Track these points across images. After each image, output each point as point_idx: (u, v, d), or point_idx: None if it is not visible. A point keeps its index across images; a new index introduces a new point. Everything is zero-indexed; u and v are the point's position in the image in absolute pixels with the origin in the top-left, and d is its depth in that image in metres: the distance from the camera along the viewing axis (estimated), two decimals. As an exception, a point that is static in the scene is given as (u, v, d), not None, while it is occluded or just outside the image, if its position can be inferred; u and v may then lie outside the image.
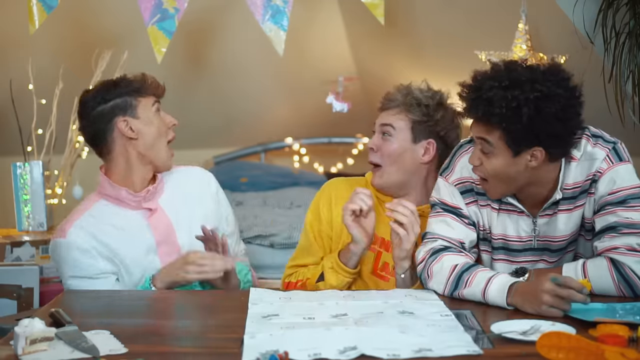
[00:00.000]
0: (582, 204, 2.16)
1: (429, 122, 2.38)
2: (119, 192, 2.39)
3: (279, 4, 3.48)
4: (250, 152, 5.70)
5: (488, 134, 2.05)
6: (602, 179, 2.12)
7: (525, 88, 1.99)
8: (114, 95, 2.39)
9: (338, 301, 2.03)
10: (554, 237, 2.19)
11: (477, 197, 2.22)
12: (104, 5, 4.52)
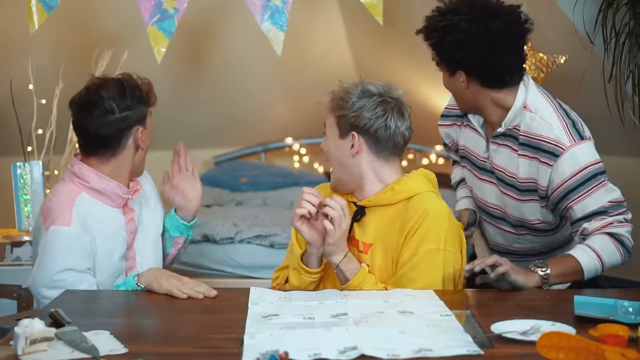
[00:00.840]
0: (531, 156, 2.33)
1: (348, 115, 2.31)
2: (108, 185, 2.35)
3: (278, 4, 3.48)
4: (250, 152, 5.70)
5: (437, 56, 2.43)
6: (568, 156, 2.27)
7: (445, 17, 2.35)
8: (133, 102, 2.37)
9: (338, 300, 2.03)
10: (504, 169, 2.42)
11: (456, 119, 2.60)
12: (104, 5, 4.52)
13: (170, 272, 2.27)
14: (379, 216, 2.25)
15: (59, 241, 2.28)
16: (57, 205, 2.33)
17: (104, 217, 2.36)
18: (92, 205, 2.35)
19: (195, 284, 2.19)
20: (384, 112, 2.27)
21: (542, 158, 2.31)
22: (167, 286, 2.18)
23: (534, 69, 4.06)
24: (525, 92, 2.37)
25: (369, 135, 2.25)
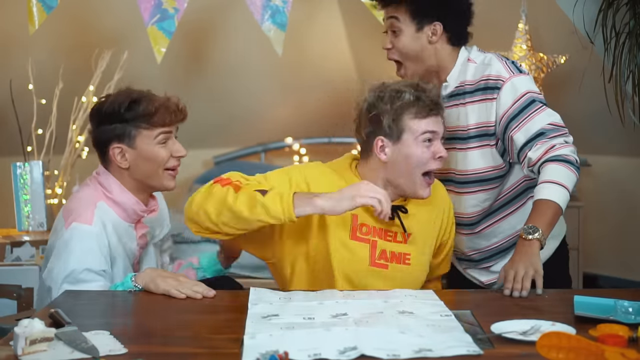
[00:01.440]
0: (478, 99, 2.40)
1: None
2: (129, 199, 2.36)
3: (279, 4, 3.49)
4: (250, 152, 5.70)
5: (396, 11, 2.42)
6: (508, 86, 2.36)
7: None
8: (117, 118, 2.33)
9: (338, 300, 2.03)
10: (458, 127, 2.44)
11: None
12: (104, 5, 4.52)
13: (168, 272, 2.26)
14: (418, 206, 2.32)
15: (80, 239, 2.27)
16: (79, 205, 2.34)
17: (117, 227, 2.36)
18: (109, 214, 2.35)
19: (193, 283, 2.19)
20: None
21: (488, 95, 2.39)
22: (164, 286, 2.18)
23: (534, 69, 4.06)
24: (467, 51, 2.49)
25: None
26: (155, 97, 2.35)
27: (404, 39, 2.45)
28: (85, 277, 2.25)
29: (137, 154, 2.34)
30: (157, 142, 2.34)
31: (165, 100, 2.35)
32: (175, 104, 2.37)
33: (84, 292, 2.22)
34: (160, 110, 2.33)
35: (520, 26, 4.10)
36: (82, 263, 2.25)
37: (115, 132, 2.33)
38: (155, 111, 2.32)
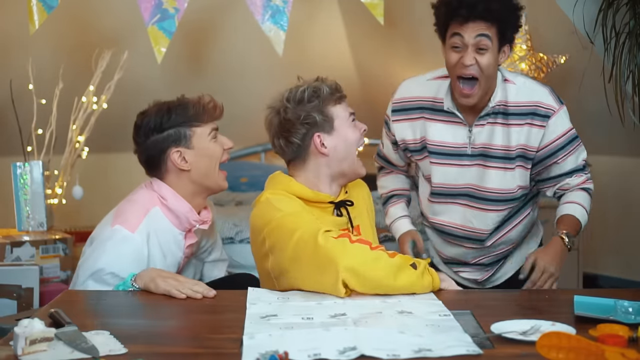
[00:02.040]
0: (522, 123, 2.49)
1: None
2: (183, 207, 2.39)
3: (279, 4, 3.48)
4: (250, 152, 5.70)
5: (488, 30, 2.39)
6: (557, 118, 2.49)
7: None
8: (168, 124, 2.39)
9: (336, 301, 2.03)
10: (491, 145, 2.52)
11: (409, 113, 2.64)
12: (104, 5, 4.52)
13: (167, 272, 2.27)
14: (355, 196, 2.45)
15: (118, 243, 2.30)
16: (131, 209, 2.37)
17: (166, 234, 2.38)
18: (161, 221, 2.38)
19: (194, 283, 2.19)
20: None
21: (535, 121, 2.49)
22: (164, 286, 2.18)
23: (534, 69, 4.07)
24: (501, 71, 2.54)
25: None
26: (194, 99, 2.45)
27: (490, 57, 2.42)
28: (109, 280, 2.27)
29: (195, 153, 2.41)
30: (211, 138, 2.44)
31: (204, 98, 2.46)
32: (214, 101, 2.48)
33: (84, 292, 2.22)
34: (206, 107, 2.44)
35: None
36: (111, 266, 2.27)
37: (171, 138, 2.39)
38: (204, 109, 2.43)
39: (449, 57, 2.46)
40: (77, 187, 4.17)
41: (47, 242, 3.63)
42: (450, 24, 2.42)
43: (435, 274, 2.17)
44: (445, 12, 2.43)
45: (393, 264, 2.08)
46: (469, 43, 2.40)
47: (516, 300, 2.11)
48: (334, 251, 2.06)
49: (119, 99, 4.31)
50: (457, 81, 2.45)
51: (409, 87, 2.68)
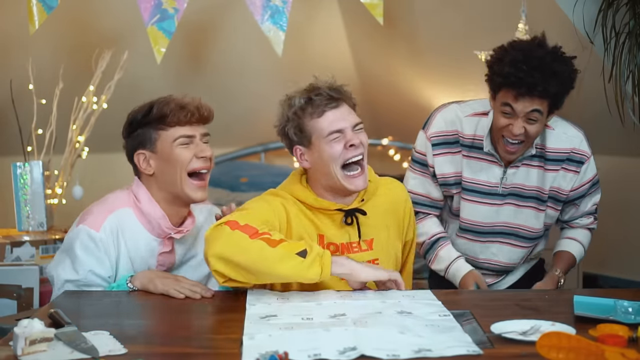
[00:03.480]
0: (558, 168, 2.57)
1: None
2: (155, 212, 2.30)
3: (278, 4, 3.49)
4: (250, 152, 5.70)
5: (541, 105, 2.40)
6: (589, 164, 2.60)
7: (569, 62, 2.44)
8: (139, 124, 2.31)
9: (336, 301, 2.03)
10: (524, 185, 2.59)
11: (449, 147, 2.60)
12: (104, 5, 4.52)
13: (165, 273, 2.27)
14: (374, 207, 2.33)
15: (83, 242, 2.25)
16: (97, 208, 2.32)
17: (137, 238, 2.31)
18: (131, 223, 2.31)
19: (192, 283, 2.19)
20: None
21: (570, 167, 2.58)
22: (162, 287, 2.18)
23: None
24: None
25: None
26: (172, 99, 2.31)
27: (539, 126, 2.46)
28: (93, 282, 2.26)
29: (159, 158, 2.30)
30: (178, 144, 2.28)
31: (182, 100, 2.31)
32: (195, 105, 2.30)
33: (83, 293, 2.22)
34: (175, 110, 2.28)
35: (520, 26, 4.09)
36: (88, 265, 2.25)
37: (138, 139, 2.31)
38: (170, 112, 2.28)
39: (498, 120, 2.47)
40: (77, 187, 4.17)
41: (47, 242, 3.63)
42: (503, 89, 2.42)
43: (327, 264, 2.03)
44: (500, 81, 2.41)
45: (272, 254, 2.00)
46: (520, 114, 2.41)
47: (516, 300, 2.11)
48: (207, 239, 2.05)
49: (119, 99, 4.30)
50: (501, 138, 2.49)
51: (447, 119, 2.61)
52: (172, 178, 2.29)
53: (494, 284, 2.74)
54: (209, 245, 2.04)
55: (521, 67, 2.36)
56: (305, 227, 2.24)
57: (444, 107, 2.65)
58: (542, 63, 2.37)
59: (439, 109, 2.65)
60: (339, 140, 2.20)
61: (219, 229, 2.05)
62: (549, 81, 2.36)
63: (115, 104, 4.25)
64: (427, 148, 2.62)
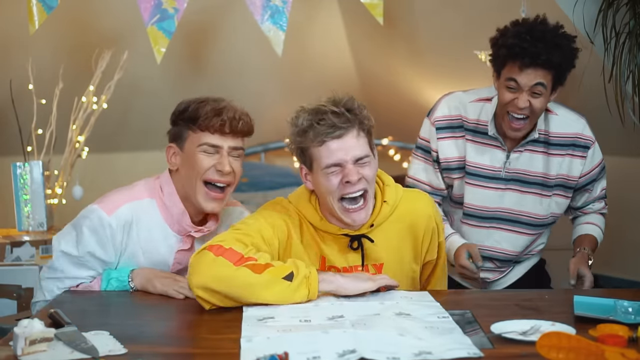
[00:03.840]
0: (563, 153, 2.59)
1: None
2: (176, 206, 2.28)
3: (278, 4, 3.48)
4: (250, 152, 5.70)
5: (544, 78, 2.44)
6: (594, 149, 2.62)
7: (571, 38, 2.47)
8: (178, 118, 2.28)
9: (333, 303, 2.01)
10: (527, 171, 2.61)
11: (453, 131, 2.62)
12: (104, 5, 4.52)
13: (163, 272, 2.26)
14: (387, 232, 2.21)
15: (92, 223, 2.23)
16: (117, 193, 2.30)
17: (154, 230, 2.28)
18: (151, 214, 2.28)
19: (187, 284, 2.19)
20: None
21: (576, 152, 2.60)
22: (161, 287, 2.18)
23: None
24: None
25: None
26: (212, 102, 2.24)
27: (543, 100, 2.49)
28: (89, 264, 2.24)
29: (184, 157, 2.27)
30: (202, 150, 2.23)
31: (219, 106, 2.23)
32: (231, 115, 2.22)
33: (84, 292, 2.21)
34: (208, 114, 2.21)
35: (520, 26, 4.09)
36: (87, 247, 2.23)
37: (173, 132, 2.30)
38: (204, 115, 2.21)
39: (503, 95, 2.50)
40: (77, 187, 4.17)
41: (47, 242, 3.63)
42: (508, 64, 2.46)
43: (314, 285, 1.99)
44: (505, 54, 2.46)
45: (258, 280, 1.95)
46: (525, 87, 2.45)
47: (516, 300, 2.11)
48: (191, 266, 1.99)
49: (119, 99, 4.30)
50: (506, 114, 2.51)
51: (451, 105, 2.65)
52: (189, 181, 2.26)
53: (496, 280, 2.74)
54: (192, 273, 1.97)
55: (525, 37, 2.42)
56: (306, 248, 2.18)
57: (448, 94, 2.69)
58: (545, 35, 2.43)
59: (444, 96, 2.69)
60: (336, 174, 2.07)
61: (202, 256, 1.99)
62: (552, 51, 2.40)
63: (115, 104, 4.26)
64: (430, 133, 2.65)
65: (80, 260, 2.25)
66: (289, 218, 2.17)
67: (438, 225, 2.29)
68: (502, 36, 2.50)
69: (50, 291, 2.26)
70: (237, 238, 2.04)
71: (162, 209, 2.30)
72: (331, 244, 2.18)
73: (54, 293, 2.25)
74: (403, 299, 2.06)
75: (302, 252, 2.17)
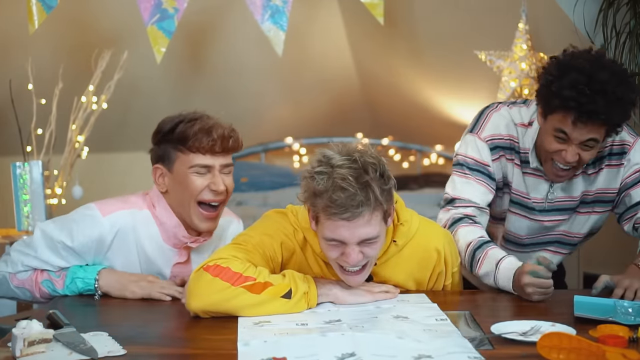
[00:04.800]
0: (599, 168, 2.36)
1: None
2: (170, 220, 2.22)
3: (279, 4, 3.48)
4: (250, 152, 5.70)
5: (598, 133, 2.18)
6: (634, 151, 2.34)
7: (634, 86, 2.18)
8: (163, 137, 2.20)
9: (330, 309, 1.99)
10: (570, 197, 2.40)
11: (504, 152, 2.38)
12: (104, 5, 4.52)
13: (133, 274, 2.21)
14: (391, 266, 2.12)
15: (84, 217, 2.19)
16: (113, 200, 2.26)
17: (151, 243, 2.24)
18: (148, 226, 2.24)
19: (169, 283, 2.18)
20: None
21: (612, 162, 2.37)
22: (141, 291, 2.15)
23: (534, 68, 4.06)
24: None
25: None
26: (199, 120, 2.18)
27: (593, 153, 2.25)
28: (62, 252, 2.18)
29: (174, 178, 2.20)
30: (194, 172, 2.17)
31: (208, 124, 2.17)
32: (220, 133, 2.16)
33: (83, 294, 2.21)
34: (198, 135, 2.15)
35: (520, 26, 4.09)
36: (62, 236, 2.18)
37: (159, 153, 2.22)
38: (193, 135, 2.15)
39: (549, 144, 2.24)
40: (76, 187, 4.16)
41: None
42: (559, 112, 2.18)
43: (313, 299, 1.97)
44: (557, 105, 2.17)
45: (256, 300, 1.91)
46: (575, 141, 2.20)
47: (516, 301, 2.10)
48: (188, 291, 1.94)
49: (119, 99, 4.30)
50: (551, 160, 2.28)
51: (502, 124, 2.38)
52: (181, 202, 2.21)
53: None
54: (190, 297, 1.93)
55: (583, 90, 2.11)
56: (310, 266, 2.10)
57: (495, 110, 2.41)
58: (605, 88, 2.11)
59: (491, 111, 2.41)
60: (336, 247, 1.94)
61: (200, 277, 1.94)
62: (612, 109, 2.12)
63: (115, 104, 4.25)
64: (482, 151, 2.37)
65: (56, 246, 2.19)
66: (294, 235, 2.10)
67: (447, 265, 2.17)
68: (557, 80, 2.17)
69: (14, 264, 2.21)
70: (236, 255, 1.99)
71: (157, 222, 2.25)
72: (332, 270, 2.08)
73: (17, 268, 2.20)
74: (400, 302, 2.04)
75: (305, 267, 2.10)
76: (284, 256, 2.08)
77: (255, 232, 2.08)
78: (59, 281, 2.20)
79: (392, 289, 2.09)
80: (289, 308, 1.95)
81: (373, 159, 1.91)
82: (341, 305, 2.01)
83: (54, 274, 2.21)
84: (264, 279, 1.95)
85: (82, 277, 2.19)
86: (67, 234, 2.19)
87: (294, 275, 2.00)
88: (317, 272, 2.10)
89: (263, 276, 1.95)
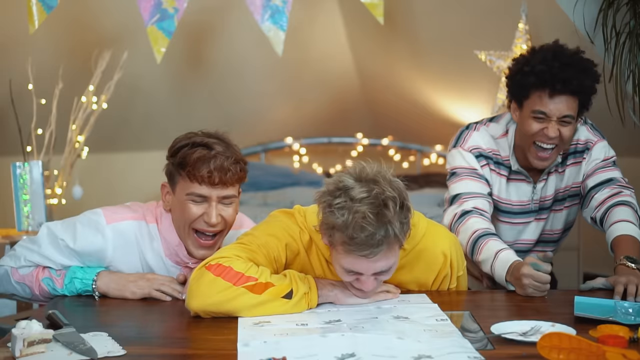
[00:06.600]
0: (568, 164, 2.54)
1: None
2: (172, 238, 2.21)
3: (278, 4, 3.48)
4: (250, 152, 5.70)
5: (573, 109, 2.39)
6: (595, 148, 2.52)
7: (592, 61, 2.40)
8: (171, 157, 2.17)
9: (330, 309, 1.99)
10: (546, 197, 2.56)
11: (488, 161, 2.52)
12: (104, 5, 4.52)
13: (132, 274, 2.20)
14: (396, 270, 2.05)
15: (89, 222, 2.19)
16: (122, 209, 2.24)
17: (155, 256, 2.23)
18: (153, 240, 2.23)
19: (169, 279, 2.18)
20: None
21: (577, 159, 2.55)
22: (141, 291, 2.15)
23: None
24: None
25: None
26: (203, 148, 2.12)
27: (572, 128, 2.43)
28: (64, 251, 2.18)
29: (175, 200, 2.18)
30: (190, 200, 2.13)
31: (209, 154, 2.11)
32: (220, 164, 2.10)
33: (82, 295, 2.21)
34: (196, 164, 2.10)
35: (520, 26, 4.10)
36: (66, 236, 2.18)
37: (167, 170, 2.20)
38: (192, 163, 2.10)
39: (529, 126, 2.40)
40: (76, 187, 4.16)
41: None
42: (535, 92, 2.38)
43: (313, 299, 1.98)
44: (533, 81, 2.36)
45: (257, 300, 1.91)
46: (554, 117, 2.38)
47: (516, 301, 2.11)
48: (189, 290, 1.94)
49: (119, 99, 4.30)
50: (532, 145, 2.43)
51: (484, 138, 2.53)
52: (179, 225, 2.19)
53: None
54: (190, 297, 1.93)
55: (553, 63, 2.34)
56: (314, 268, 2.11)
57: (474, 129, 2.55)
58: (573, 59, 2.37)
59: (470, 130, 2.55)
60: (351, 274, 1.94)
61: (201, 276, 1.93)
62: (582, 76, 2.35)
63: (115, 104, 4.26)
64: (468, 158, 2.51)
65: (59, 244, 2.19)
66: (300, 236, 2.09)
67: (453, 268, 2.17)
68: (526, 64, 2.39)
69: (17, 258, 2.21)
70: (239, 255, 1.99)
71: (161, 237, 2.24)
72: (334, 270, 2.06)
73: (20, 263, 2.21)
74: (400, 302, 2.04)
75: (308, 268, 2.10)
76: (288, 257, 2.08)
77: (261, 233, 2.08)
78: (59, 280, 2.20)
79: (393, 289, 2.09)
80: (289, 308, 1.95)
81: (393, 191, 1.89)
82: (341, 305, 2.01)
83: (55, 272, 2.21)
84: (266, 279, 1.95)
85: (80, 278, 2.19)
86: (70, 235, 2.20)
87: (294, 275, 2.00)
88: (319, 273, 2.09)
89: (265, 276, 1.95)
